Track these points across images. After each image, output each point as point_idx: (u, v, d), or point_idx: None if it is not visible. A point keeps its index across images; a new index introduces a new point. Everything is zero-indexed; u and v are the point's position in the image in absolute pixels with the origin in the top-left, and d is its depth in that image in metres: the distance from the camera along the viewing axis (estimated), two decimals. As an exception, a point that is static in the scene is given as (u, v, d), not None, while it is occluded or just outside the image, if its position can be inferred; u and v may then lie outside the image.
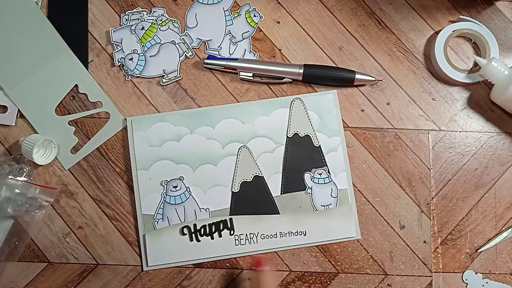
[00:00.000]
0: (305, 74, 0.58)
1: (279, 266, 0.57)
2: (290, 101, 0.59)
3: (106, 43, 0.60)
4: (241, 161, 0.58)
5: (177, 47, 0.60)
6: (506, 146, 0.59)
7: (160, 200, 0.57)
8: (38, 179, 0.58)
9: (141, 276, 0.57)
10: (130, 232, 0.57)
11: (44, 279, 0.57)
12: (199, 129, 0.58)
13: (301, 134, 0.59)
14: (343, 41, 0.61)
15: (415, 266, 0.57)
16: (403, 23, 0.61)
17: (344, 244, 0.58)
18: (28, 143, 0.55)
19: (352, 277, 0.57)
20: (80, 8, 0.61)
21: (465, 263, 0.58)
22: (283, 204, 0.57)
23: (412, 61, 0.61)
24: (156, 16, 0.60)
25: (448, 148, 0.59)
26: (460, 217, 0.58)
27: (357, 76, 0.58)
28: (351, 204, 0.58)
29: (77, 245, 0.57)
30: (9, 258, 0.56)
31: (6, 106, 0.58)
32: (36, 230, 0.57)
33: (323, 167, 0.58)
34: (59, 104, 0.59)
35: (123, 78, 0.60)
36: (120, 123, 0.59)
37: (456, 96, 0.60)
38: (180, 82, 0.60)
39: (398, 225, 0.58)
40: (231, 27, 0.61)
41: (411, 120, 0.60)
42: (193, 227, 0.57)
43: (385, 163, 0.59)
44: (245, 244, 0.57)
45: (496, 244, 0.58)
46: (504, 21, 0.61)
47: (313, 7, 0.61)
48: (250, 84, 0.60)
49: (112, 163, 0.58)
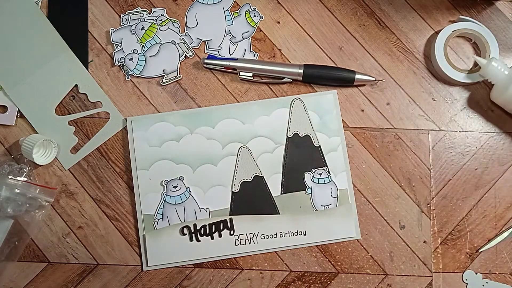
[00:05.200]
0: (305, 74, 0.58)
1: (279, 266, 0.57)
2: (290, 101, 0.59)
3: (106, 43, 0.60)
4: (241, 161, 0.58)
5: (177, 47, 0.60)
6: (506, 146, 0.59)
7: (160, 200, 0.57)
8: (38, 179, 0.58)
9: (141, 276, 0.57)
10: (130, 232, 0.57)
11: (44, 279, 0.57)
12: (199, 129, 0.58)
13: (301, 134, 0.59)
14: (343, 41, 0.61)
15: (415, 266, 0.57)
16: (403, 23, 0.61)
17: (344, 244, 0.58)
18: (28, 143, 0.55)
19: (352, 277, 0.57)
20: (80, 8, 0.61)
21: (465, 263, 0.58)
22: (283, 204, 0.57)
23: (412, 61, 0.61)
24: (156, 16, 0.60)
25: (448, 148, 0.59)
26: (460, 217, 0.58)
27: (357, 76, 0.58)
28: (351, 204, 0.58)
29: (77, 245, 0.57)
30: (9, 258, 0.56)
31: (6, 106, 0.58)
32: (36, 230, 0.57)
33: (323, 167, 0.58)
34: (59, 104, 0.59)
35: (123, 78, 0.60)
36: (120, 123, 0.59)
37: (456, 96, 0.60)
38: (180, 82, 0.60)
39: (398, 225, 0.58)
40: (231, 27, 0.61)
41: (411, 120, 0.60)
42: (193, 227, 0.57)
43: (385, 163, 0.59)
44: (245, 244, 0.57)
45: (496, 244, 0.58)
46: (504, 21, 0.61)
47: (313, 7, 0.61)
48: (250, 84, 0.60)
49: (112, 163, 0.58)
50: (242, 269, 0.57)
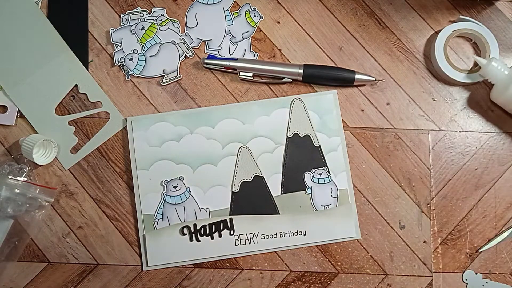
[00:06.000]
0: (305, 74, 0.58)
1: (279, 266, 0.57)
2: (290, 101, 0.59)
3: (106, 43, 0.60)
4: (241, 161, 0.58)
5: (177, 47, 0.60)
6: (506, 146, 0.59)
7: (160, 200, 0.57)
8: (38, 179, 0.58)
9: (141, 276, 0.57)
10: (130, 232, 0.57)
11: (44, 279, 0.57)
12: (199, 129, 0.58)
13: (301, 134, 0.59)
14: (343, 41, 0.61)
15: (415, 266, 0.57)
16: (403, 23, 0.61)
17: (344, 244, 0.58)
18: (28, 143, 0.55)
19: (352, 277, 0.57)
20: (80, 8, 0.61)
21: (465, 263, 0.58)
22: (283, 204, 0.57)
23: (412, 61, 0.61)
24: (156, 16, 0.60)
25: (448, 148, 0.59)
26: (460, 217, 0.58)
27: (357, 76, 0.58)
28: (351, 204, 0.58)
29: (77, 245, 0.57)
30: (9, 258, 0.56)
31: (6, 106, 0.58)
32: (36, 230, 0.57)
33: (323, 167, 0.58)
34: (59, 104, 0.59)
35: (123, 78, 0.60)
36: (120, 123, 0.59)
37: (456, 96, 0.60)
38: (180, 82, 0.60)
39: (398, 225, 0.58)
40: (231, 27, 0.61)
41: (411, 120, 0.60)
42: (193, 227, 0.57)
43: (385, 163, 0.59)
44: (245, 244, 0.57)
45: (496, 244, 0.58)
46: (504, 21, 0.61)
47: (313, 7, 0.61)
48: (250, 84, 0.60)
49: (112, 163, 0.58)
50: (242, 269, 0.57)
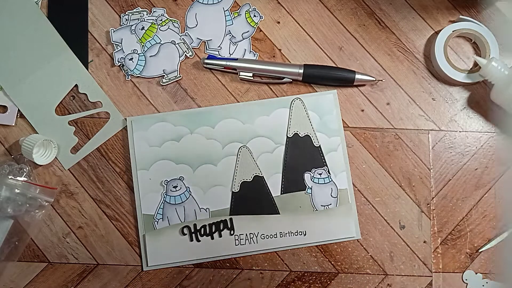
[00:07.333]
0: (305, 74, 0.58)
1: (279, 266, 0.57)
2: (290, 101, 0.59)
3: (106, 43, 0.60)
4: (241, 161, 0.58)
5: (177, 47, 0.60)
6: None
7: (160, 200, 0.57)
8: (38, 179, 0.58)
9: (141, 276, 0.57)
10: (130, 232, 0.57)
11: (44, 279, 0.57)
12: (199, 129, 0.58)
13: (301, 134, 0.59)
14: (343, 41, 0.61)
15: (415, 266, 0.57)
16: (403, 23, 0.61)
17: (344, 244, 0.58)
18: (28, 143, 0.55)
19: (352, 277, 0.57)
20: (80, 8, 0.61)
21: (465, 263, 0.58)
22: (283, 204, 0.57)
23: (412, 61, 0.61)
24: (156, 16, 0.60)
25: (448, 148, 0.59)
26: (460, 217, 0.58)
27: (357, 76, 0.58)
28: (351, 204, 0.58)
29: (77, 245, 0.57)
30: (9, 258, 0.56)
31: (6, 106, 0.58)
32: (36, 230, 0.57)
33: (323, 167, 0.58)
34: (59, 104, 0.59)
35: (123, 78, 0.60)
36: (120, 123, 0.59)
37: (456, 96, 0.60)
38: (180, 82, 0.60)
39: (398, 225, 0.58)
40: (231, 27, 0.61)
41: (411, 120, 0.60)
42: (193, 227, 0.57)
43: (385, 163, 0.59)
44: (245, 244, 0.57)
45: (496, 244, 0.58)
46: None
47: (313, 7, 0.61)
48: (250, 84, 0.60)
49: (112, 163, 0.58)
50: (242, 269, 0.57)
